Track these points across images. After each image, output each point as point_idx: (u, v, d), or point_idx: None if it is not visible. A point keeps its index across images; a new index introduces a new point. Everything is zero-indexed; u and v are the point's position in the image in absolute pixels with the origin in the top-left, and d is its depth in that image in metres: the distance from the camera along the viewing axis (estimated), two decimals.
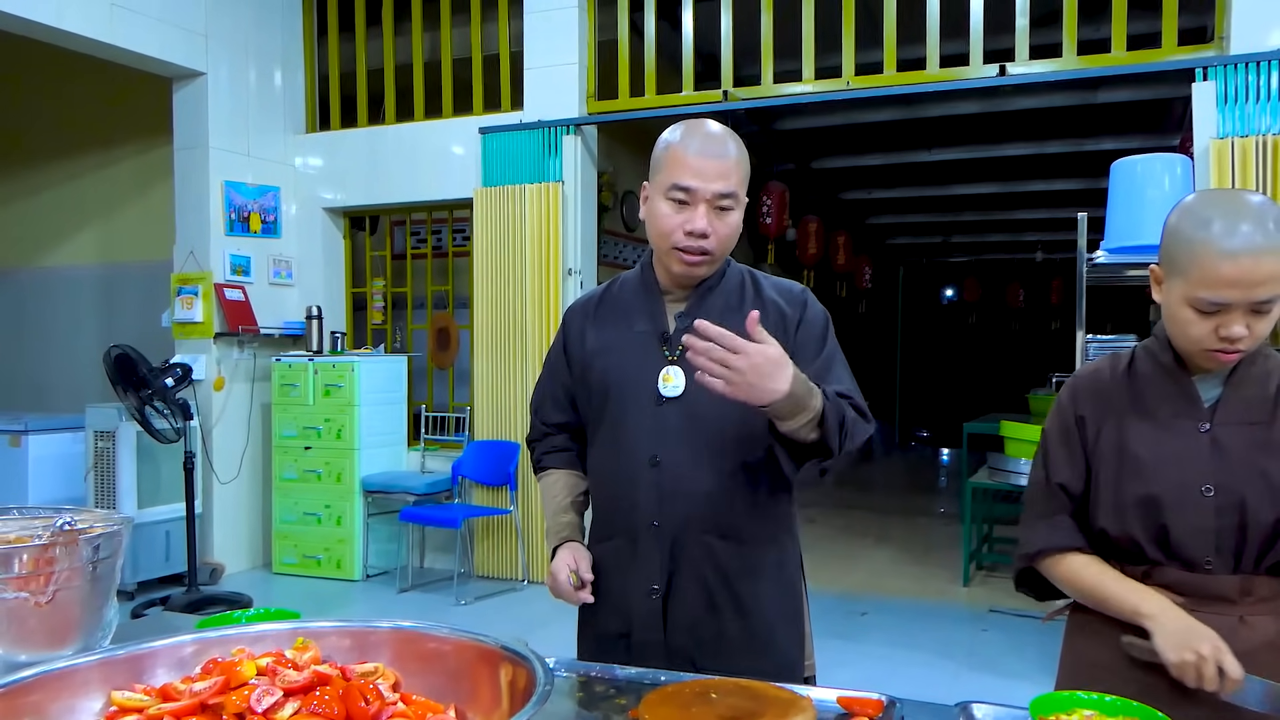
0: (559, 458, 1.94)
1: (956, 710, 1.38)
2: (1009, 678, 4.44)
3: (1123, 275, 4.57)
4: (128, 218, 7.58)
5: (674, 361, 1.73)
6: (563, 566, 1.75)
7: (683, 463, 1.71)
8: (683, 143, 1.68)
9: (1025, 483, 5.89)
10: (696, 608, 1.72)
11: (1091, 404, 1.65)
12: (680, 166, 1.67)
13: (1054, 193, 10.88)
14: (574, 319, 1.91)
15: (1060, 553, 1.66)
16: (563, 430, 1.94)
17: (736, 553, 1.72)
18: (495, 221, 6.15)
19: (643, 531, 1.73)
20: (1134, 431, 1.60)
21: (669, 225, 1.69)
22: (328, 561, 6.29)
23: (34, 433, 6.04)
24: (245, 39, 6.53)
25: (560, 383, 1.91)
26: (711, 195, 1.66)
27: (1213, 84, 4.69)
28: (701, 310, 1.73)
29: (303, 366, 6.30)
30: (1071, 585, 1.66)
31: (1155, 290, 1.59)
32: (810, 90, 5.71)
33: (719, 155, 1.66)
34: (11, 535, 1.38)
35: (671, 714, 1.27)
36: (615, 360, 1.80)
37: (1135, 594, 1.56)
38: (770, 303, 1.76)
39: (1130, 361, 1.67)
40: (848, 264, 11.22)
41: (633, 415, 1.75)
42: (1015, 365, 14.66)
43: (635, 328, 1.80)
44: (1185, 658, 1.44)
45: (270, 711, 1.06)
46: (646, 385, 1.74)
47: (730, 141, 1.70)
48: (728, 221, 1.69)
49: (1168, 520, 1.55)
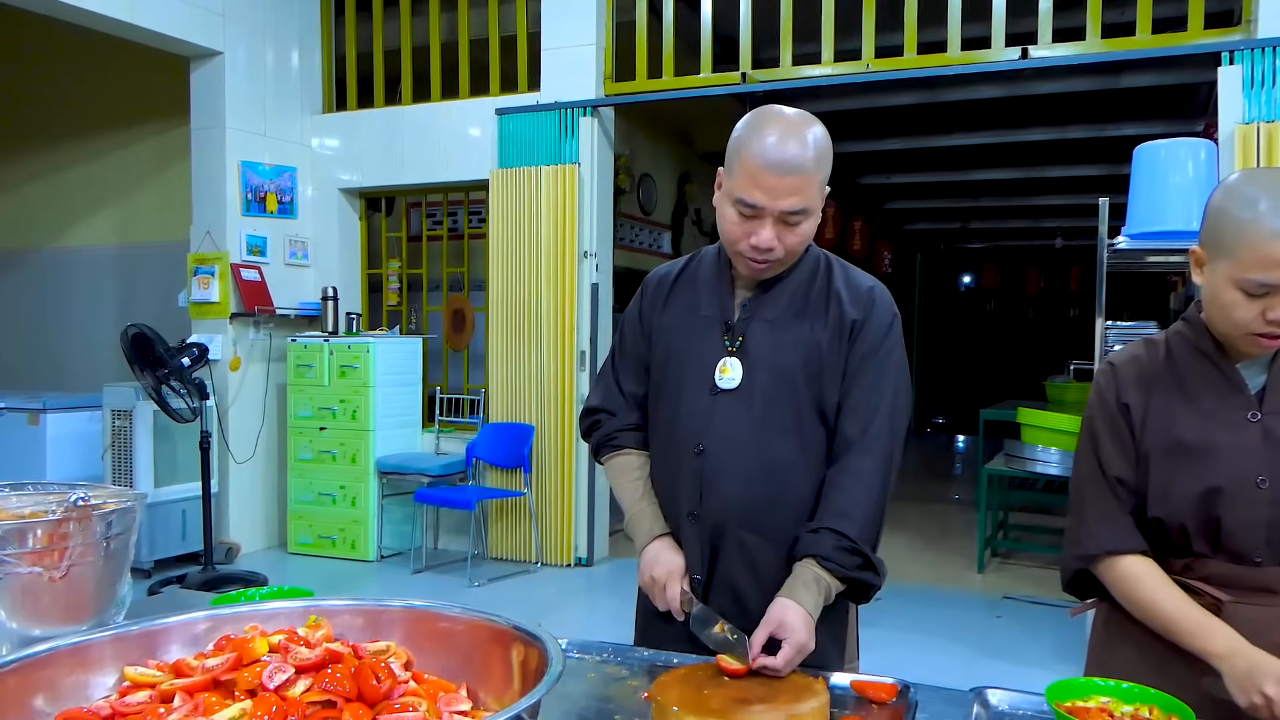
0: (633, 437, 1.84)
1: (971, 696, 1.37)
2: (1023, 664, 4.43)
3: (1144, 262, 4.52)
4: (145, 198, 7.60)
5: (733, 353, 1.69)
6: (677, 579, 1.67)
7: (725, 456, 1.67)
8: (758, 150, 1.55)
9: (1041, 470, 5.81)
10: (726, 601, 1.70)
11: (1135, 391, 1.59)
12: (749, 179, 1.56)
13: (1075, 178, 10.77)
14: (652, 288, 1.85)
15: (1119, 555, 1.58)
16: (638, 404, 1.85)
17: (771, 550, 1.68)
18: (511, 203, 6.14)
19: (683, 520, 1.71)
20: (1181, 420, 1.54)
21: (734, 234, 1.62)
22: (342, 542, 6.32)
23: (52, 411, 6.09)
24: (263, 19, 6.52)
25: (638, 351, 1.84)
26: (780, 212, 1.57)
27: (1239, 68, 4.62)
28: (766, 300, 1.70)
29: (318, 347, 6.32)
30: (1126, 595, 1.57)
31: (1196, 273, 1.53)
32: (829, 73, 5.66)
33: (793, 170, 1.54)
34: (26, 510, 1.38)
35: (684, 696, 1.27)
36: (679, 342, 1.76)
37: (1206, 631, 1.47)
38: (835, 295, 1.70)
39: (1167, 348, 1.60)
40: (865, 249, 11.17)
41: (686, 401, 1.72)
42: (1033, 352, 14.58)
43: (702, 311, 1.75)
44: (1254, 700, 1.38)
45: (282, 688, 1.06)
46: (704, 373, 1.70)
47: (810, 150, 1.56)
48: (798, 232, 1.61)
49: (1221, 513, 1.49)
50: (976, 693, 1.38)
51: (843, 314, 1.68)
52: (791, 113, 1.61)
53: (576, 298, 5.99)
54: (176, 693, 1.08)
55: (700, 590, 1.69)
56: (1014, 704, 1.37)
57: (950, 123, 9.04)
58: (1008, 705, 1.36)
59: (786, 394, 1.66)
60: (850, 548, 1.59)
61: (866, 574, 1.61)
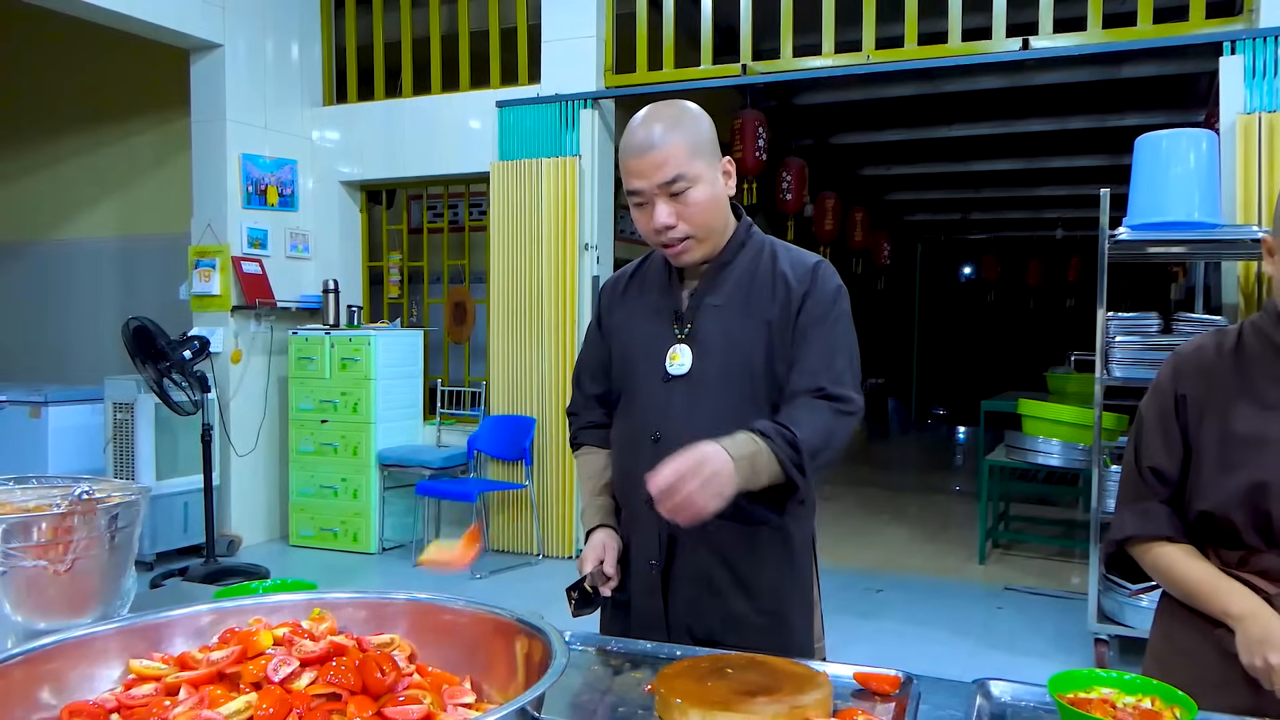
0: (594, 435, 1.93)
1: (974, 687, 1.37)
2: (1024, 655, 4.44)
3: (1145, 252, 4.52)
4: (146, 191, 7.60)
5: (683, 340, 1.73)
6: (592, 559, 1.75)
7: (682, 441, 1.64)
8: (624, 146, 1.68)
9: (1042, 461, 5.84)
10: (694, 586, 1.72)
11: (1195, 383, 1.57)
12: (626, 172, 1.68)
13: (1076, 169, 10.76)
14: (606, 292, 1.94)
15: (1149, 541, 1.60)
16: (601, 403, 1.92)
17: (737, 533, 1.70)
18: (512, 196, 6.13)
19: (641, 506, 1.72)
20: (1240, 414, 1.51)
21: (643, 228, 1.71)
22: (344, 534, 6.33)
23: (54, 404, 6.09)
24: (263, 11, 6.51)
25: (596, 353, 1.92)
26: (658, 189, 1.64)
27: (1241, 58, 4.60)
28: (712, 287, 1.74)
29: (319, 340, 6.32)
30: (1161, 575, 1.61)
31: (1268, 262, 1.52)
32: (830, 64, 5.65)
33: (647, 148, 1.63)
34: (30, 504, 1.38)
35: (688, 688, 1.27)
36: (631, 336, 1.82)
37: (1225, 593, 1.49)
38: (780, 275, 1.73)
39: (1238, 338, 1.58)
40: (865, 240, 11.15)
41: (642, 391, 1.77)
42: (1033, 343, 14.58)
43: (651, 305, 1.81)
44: (1256, 664, 1.41)
45: (287, 681, 1.06)
46: (655, 362, 1.75)
47: (656, 125, 1.64)
48: (690, 201, 1.65)
49: (1271, 508, 1.47)
50: (979, 684, 1.38)
51: (789, 291, 1.71)
52: (654, 105, 1.70)
53: (577, 290, 5.99)
54: (182, 685, 1.08)
55: (659, 576, 1.73)
56: (1016, 695, 1.37)
57: (951, 114, 9.03)
58: (1010, 696, 1.37)
59: (738, 376, 1.69)
60: (791, 440, 1.55)
61: (795, 472, 1.55)
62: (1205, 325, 4.22)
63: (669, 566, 1.74)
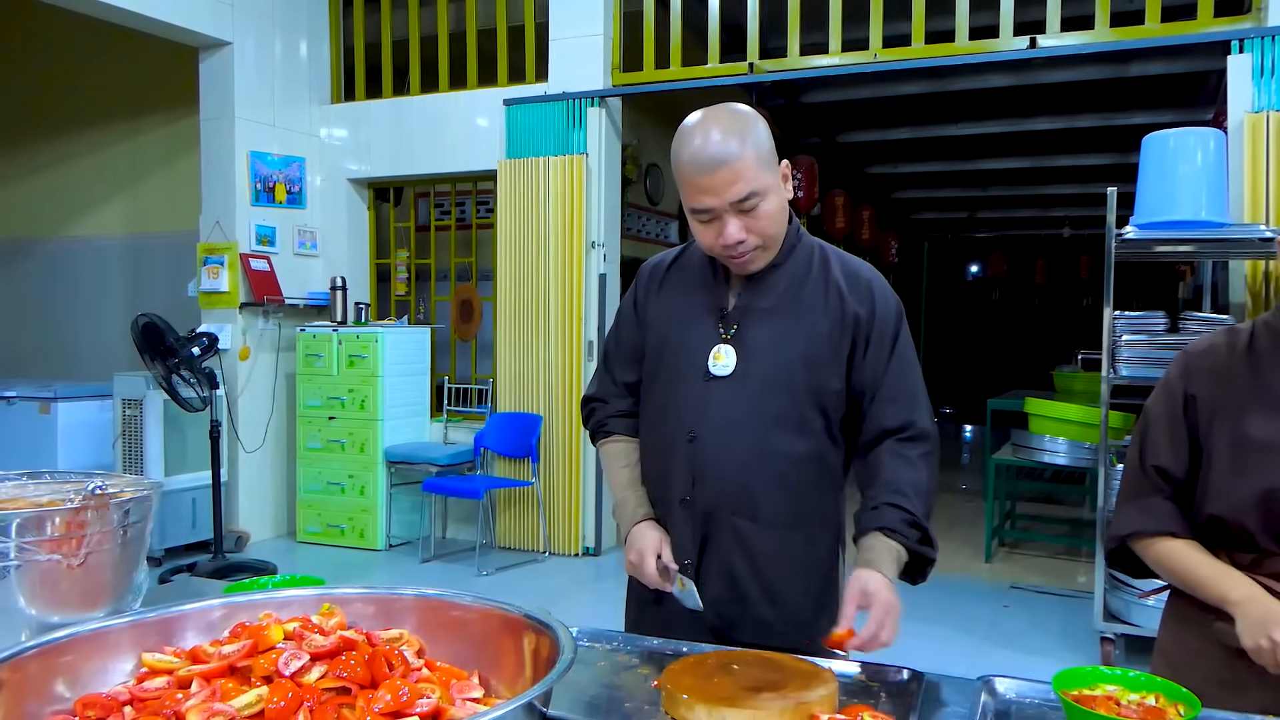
0: (624, 424, 1.87)
1: (979, 684, 1.38)
2: (1030, 653, 4.44)
3: (1152, 251, 4.51)
4: (155, 188, 7.63)
5: (727, 340, 1.70)
6: (652, 553, 1.69)
7: (718, 442, 1.67)
8: (687, 160, 1.58)
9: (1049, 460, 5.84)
10: (721, 588, 1.71)
11: (1206, 383, 1.55)
12: (690, 190, 1.60)
13: (1083, 168, 10.74)
14: (645, 277, 1.87)
15: (1151, 537, 1.60)
16: (631, 391, 1.88)
17: (766, 537, 1.69)
18: (519, 194, 6.14)
19: (675, 505, 1.72)
20: (1250, 415, 1.50)
21: (706, 240, 1.65)
22: (351, 531, 6.35)
23: (63, 400, 6.12)
24: (271, 9, 6.53)
25: (631, 340, 1.86)
26: (730, 206, 1.58)
27: (1249, 56, 4.59)
28: (761, 289, 1.71)
29: (327, 337, 6.34)
30: (1163, 569, 1.60)
31: None
32: (837, 63, 5.64)
33: (718, 164, 1.55)
34: (44, 499, 1.40)
35: (694, 684, 1.28)
36: (673, 329, 1.77)
37: (1224, 580, 1.49)
38: (834, 285, 1.70)
39: (1250, 338, 1.56)
40: (873, 239, 11.13)
41: (680, 387, 1.73)
42: (1040, 342, 14.55)
43: (696, 301, 1.77)
44: (1260, 644, 1.40)
45: (298, 675, 1.08)
46: (697, 360, 1.71)
47: (731, 140, 1.56)
48: (760, 215, 1.60)
49: None
50: (984, 681, 1.39)
51: (844, 305, 1.69)
52: (707, 111, 1.62)
53: (584, 288, 6.00)
54: (194, 679, 1.09)
55: (692, 574, 1.71)
56: (1021, 692, 1.37)
57: (958, 112, 9.02)
58: (1015, 694, 1.37)
59: (783, 382, 1.67)
60: (911, 520, 1.61)
61: (925, 548, 1.62)
62: (1212, 324, 4.21)
63: (700, 567, 1.72)
